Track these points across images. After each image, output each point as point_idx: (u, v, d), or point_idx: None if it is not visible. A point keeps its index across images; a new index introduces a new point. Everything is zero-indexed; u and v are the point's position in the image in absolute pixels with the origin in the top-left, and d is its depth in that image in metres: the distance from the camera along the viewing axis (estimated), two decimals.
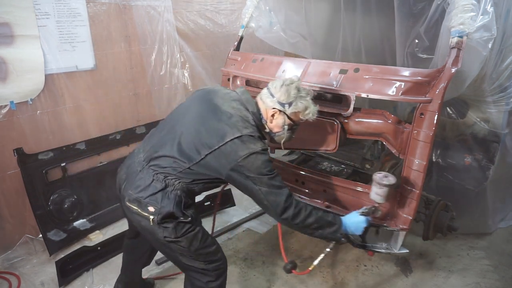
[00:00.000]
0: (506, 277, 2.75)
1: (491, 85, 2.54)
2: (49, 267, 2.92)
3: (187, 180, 1.82)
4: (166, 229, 1.79)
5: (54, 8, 3.11)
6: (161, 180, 1.80)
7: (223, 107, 1.83)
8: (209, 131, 1.78)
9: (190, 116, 1.87)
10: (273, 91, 1.86)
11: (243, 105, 1.86)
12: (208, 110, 1.84)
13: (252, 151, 1.72)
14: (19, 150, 2.98)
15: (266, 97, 1.88)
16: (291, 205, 1.78)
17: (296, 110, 1.86)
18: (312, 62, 2.37)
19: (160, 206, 1.77)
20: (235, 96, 1.91)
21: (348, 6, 3.05)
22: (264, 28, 3.16)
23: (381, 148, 2.80)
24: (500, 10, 2.23)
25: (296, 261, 2.96)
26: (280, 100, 1.84)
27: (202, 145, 1.77)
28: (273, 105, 1.85)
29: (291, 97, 1.84)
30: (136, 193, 1.81)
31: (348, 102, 2.12)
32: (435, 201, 2.50)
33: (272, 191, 1.76)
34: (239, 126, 1.77)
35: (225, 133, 1.74)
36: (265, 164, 1.75)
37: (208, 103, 1.87)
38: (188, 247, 1.85)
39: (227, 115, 1.80)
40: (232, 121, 1.78)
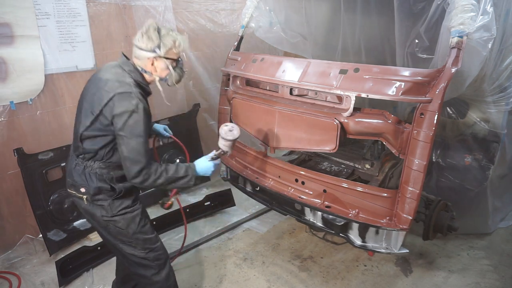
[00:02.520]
0: (506, 277, 2.75)
1: (491, 85, 2.54)
2: (49, 267, 2.92)
3: (98, 156, 1.94)
4: (102, 207, 1.95)
5: (54, 8, 3.11)
6: (80, 163, 1.96)
7: (103, 77, 1.93)
8: (92, 101, 1.91)
9: (83, 98, 2.00)
10: (139, 45, 1.94)
11: (120, 68, 1.97)
12: (93, 85, 1.97)
13: (125, 109, 1.83)
14: (19, 150, 2.98)
15: (138, 53, 1.96)
16: (140, 174, 1.87)
17: (166, 48, 1.94)
18: (312, 62, 2.37)
19: (88, 184, 1.93)
20: (114, 64, 2.02)
21: (348, 6, 3.05)
22: (264, 28, 3.16)
23: (381, 148, 2.80)
24: (500, 10, 2.23)
25: (296, 261, 2.97)
26: (148, 49, 1.92)
27: (89, 114, 1.90)
28: (147, 56, 1.93)
29: (154, 41, 1.91)
30: (70, 179, 1.99)
31: (348, 102, 2.12)
32: (435, 201, 2.50)
33: (130, 156, 1.84)
34: (114, 86, 1.87)
35: (103, 96, 1.87)
36: (137, 124, 1.85)
37: (93, 79, 2.01)
38: (126, 228, 1.98)
39: (103, 81, 1.91)
40: (108, 84, 1.89)
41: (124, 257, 2.10)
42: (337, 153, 2.63)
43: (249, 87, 2.76)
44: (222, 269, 2.91)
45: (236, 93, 2.80)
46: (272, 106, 2.48)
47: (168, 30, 1.97)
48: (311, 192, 2.43)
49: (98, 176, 1.95)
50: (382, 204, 2.14)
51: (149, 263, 2.06)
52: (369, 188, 2.21)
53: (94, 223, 2.05)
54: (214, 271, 2.89)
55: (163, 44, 1.93)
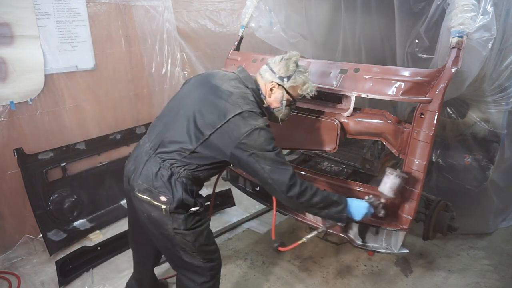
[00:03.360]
0: (506, 277, 2.75)
1: (491, 85, 2.53)
2: (49, 267, 2.92)
3: (192, 166, 1.81)
4: (176, 219, 1.80)
5: (54, 8, 3.11)
6: (167, 168, 1.79)
7: (222, 86, 1.84)
8: (211, 111, 1.78)
9: (191, 100, 1.87)
10: (272, 66, 1.90)
11: (242, 83, 1.88)
12: (208, 92, 1.85)
13: (254, 127, 1.72)
14: (19, 150, 2.98)
15: (265, 72, 1.91)
16: (296, 183, 1.76)
17: (294, 84, 1.89)
18: (312, 62, 2.37)
19: (172, 195, 1.77)
20: (233, 75, 1.93)
21: (348, 6, 3.04)
22: (264, 28, 3.15)
23: (381, 148, 2.80)
24: (500, 10, 2.23)
25: (296, 261, 2.97)
26: (279, 74, 1.87)
27: (205, 126, 1.77)
28: (272, 79, 1.88)
29: (289, 71, 1.87)
30: (146, 183, 1.80)
31: (348, 102, 2.12)
32: (435, 201, 2.50)
33: (276, 169, 1.73)
34: (239, 103, 1.77)
35: (227, 111, 1.75)
36: (268, 140, 1.75)
37: (208, 85, 1.88)
38: (193, 241, 1.85)
39: (226, 93, 1.80)
40: (233, 98, 1.78)
41: (176, 261, 2.00)
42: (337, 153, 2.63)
43: None
44: (222, 269, 2.89)
45: None
46: None
47: (305, 70, 1.93)
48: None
49: (184, 186, 1.80)
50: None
51: (204, 272, 1.96)
52: (369, 188, 2.21)
53: (156, 230, 1.88)
54: None
55: (294, 78, 1.88)
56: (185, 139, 1.79)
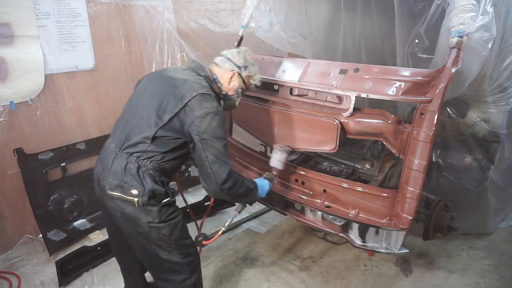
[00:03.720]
0: (506, 277, 2.75)
1: (491, 85, 2.53)
2: (49, 267, 2.92)
3: (158, 157, 1.87)
4: (150, 212, 1.84)
5: (54, 8, 3.11)
6: (134, 162, 1.84)
7: (175, 76, 1.95)
8: (168, 98, 1.86)
9: (147, 93, 1.96)
10: (230, 57, 2.09)
11: (195, 71, 2.01)
12: (163, 83, 1.95)
13: (209, 110, 1.84)
14: (19, 150, 2.98)
15: (224, 62, 2.08)
16: (230, 178, 1.88)
17: (249, 73, 2.12)
18: (312, 62, 2.37)
19: (143, 186, 1.81)
20: (185, 67, 2.06)
21: (349, 6, 3.05)
22: (264, 28, 3.15)
23: (381, 148, 2.80)
24: (500, 10, 2.23)
25: (296, 261, 2.97)
26: (238, 64, 2.08)
27: (164, 112, 1.85)
28: (232, 68, 2.07)
29: (247, 62, 2.10)
30: (116, 179, 1.84)
31: (348, 102, 2.12)
32: (435, 201, 2.50)
33: (218, 161, 1.84)
34: (195, 87, 1.89)
35: (183, 95, 1.85)
36: (220, 126, 1.87)
37: (161, 78, 1.99)
38: (169, 235, 1.89)
39: (181, 81, 1.91)
40: (187, 84, 1.90)
41: (153, 262, 2.00)
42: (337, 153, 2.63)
43: None
44: (222, 269, 2.91)
45: None
46: (272, 106, 2.48)
47: (254, 62, 2.18)
48: (311, 192, 2.43)
49: (152, 177, 1.85)
50: (382, 204, 2.14)
51: (183, 268, 1.99)
52: (369, 188, 2.21)
53: (131, 229, 1.91)
54: (214, 271, 2.89)
55: (249, 69, 2.12)
56: (145, 128, 1.86)
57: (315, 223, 2.41)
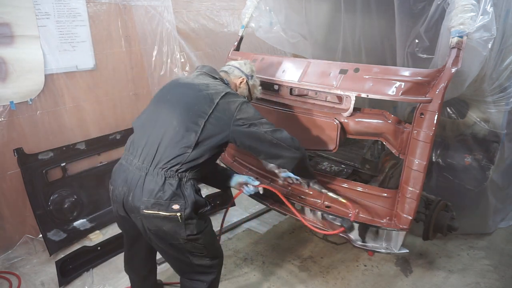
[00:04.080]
0: (506, 277, 2.75)
1: (491, 85, 2.53)
2: (49, 267, 2.92)
3: (196, 165, 1.82)
4: (189, 225, 1.79)
5: (54, 8, 3.11)
6: (173, 175, 1.77)
7: (195, 82, 1.97)
8: (196, 103, 1.85)
9: (170, 104, 1.90)
10: (238, 66, 2.23)
11: (209, 75, 2.08)
12: (185, 90, 1.93)
13: (241, 101, 1.90)
14: (19, 150, 2.98)
15: (233, 69, 2.21)
16: (293, 137, 1.96)
17: (254, 83, 2.26)
18: (312, 62, 2.37)
19: (185, 200, 1.76)
20: (198, 72, 2.12)
21: (349, 6, 3.05)
22: (264, 28, 3.15)
23: (381, 148, 2.80)
24: (500, 10, 2.23)
25: (296, 261, 2.97)
26: (246, 72, 2.21)
27: (197, 117, 1.81)
28: (241, 75, 2.20)
29: (253, 72, 2.25)
30: (153, 198, 1.75)
31: (348, 102, 2.12)
32: (435, 201, 2.50)
33: (275, 130, 1.90)
34: (219, 88, 1.93)
35: (212, 97, 1.86)
36: (256, 111, 1.94)
37: (180, 86, 1.98)
38: (204, 244, 1.89)
39: (203, 86, 1.93)
40: (211, 87, 1.92)
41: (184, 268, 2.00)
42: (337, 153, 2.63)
43: None
44: (222, 269, 2.90)
45: None
46: (272, 106, 2.48)
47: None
48: (311, 192, 2.43)
49: (193, 188, 1.81)
50: (382, 204, 2.14)
51: (213, 269, 2.00)
52: (369, 188, 2.21)
53: (164, 244, 1.87)
54: None
55: (254, 79, 2.27)
56: (183, 137, 1.79)
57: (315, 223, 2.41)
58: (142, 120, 1.98)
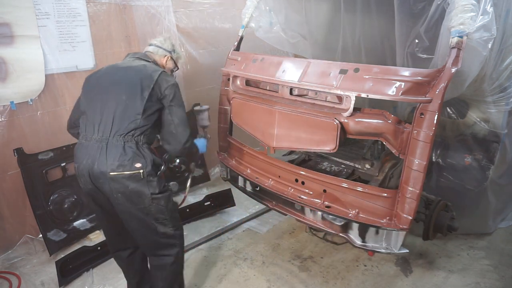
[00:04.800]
0: (506, 277, 2.75)
1: (491, 85, 2.53)
2: (49, 267, 2.92)
3: (147, 130, 2.11)
4: (151, 183, 2.06)
5: (54, 8, 3.11)
6: (131, 140, 2.05)
7: (133, 64, 2.25)
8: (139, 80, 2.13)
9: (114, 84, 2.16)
10: (159, 44, 2.45)
11: (143, 60, 2.34)
12: (127, 71, 2.20)
13: (172, 82, 2.20)
14: (19, 150, 2.98)
15: (157, 50, 2.44)
16: (190, 138, 2.26)
17: (177, 55, 2.54)
18: (312, 62, 2.36)
19: (144, 158, 2.05)
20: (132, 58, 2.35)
21: (348, 6, 3.04)
22: (264, 28, 3.15)
23: (381, 148, 2.80)
24: (500, 10, 2.23)
25: (296, 261, 2.97)
26: (168, 49, 2.46)
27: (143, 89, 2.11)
28: (165, 53, 2.45)
29: (173, 46, 2.51)
30: (117, 160, 2.00)
31: (348, 102, 2.12)
32: (435, 201, 2.50)
33: (182, 123, 2.19)
34: (155, 68, 2.25)
35: (151, 75, 2.16)
36: (181, 96, 2.23)
37: (121, 69, 2.23)
38: (166, 205, 2.13)
39: (142, 67, 2.23)
40: (148, 67, 2.23)
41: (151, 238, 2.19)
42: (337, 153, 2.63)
43: (249, 87, 2.76)
44: (222, 269, 2.91)
45: (236, 93, 2.80)
46: (272, 106, 2.48)
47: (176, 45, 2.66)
48: (311, 192, 2.43)
49: (149, 149, 2.12)
50: (382, 204, 2.14)
51: (176, 241, 2.24)
52: (369, 188, 2.21)
53: (133, 207, 2.07)
54: (214, 271, 2.89)
55: (177, 51, 2.54)
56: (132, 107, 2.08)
57: (315, 222, 2.41)
58: (89, 100, 2.20)
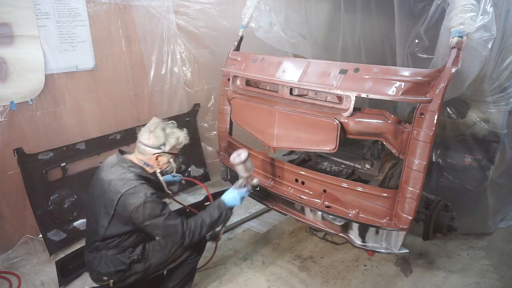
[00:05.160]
0: (506, 277, 2.75)
1: (491, 85, 2.53)
2: (49, 267, 2.92)
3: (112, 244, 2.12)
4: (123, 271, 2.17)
5: (54, 8, 3.11)
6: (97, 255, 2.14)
7: (106, 177, 2.11)
8: (102, 203, 2.08)
9: (91, 200, 2.20)
10: (145, 142, 2.14)
11: (120, 165, 2.14)
12: (98, 188, 2.14)
13: (137, 204, 2.00)
14: (19, 150, 2.98)
15: (143, 149, 2.15)
16: (185, 232, 2.09)
17: (170, 146, 2.16)
18: (312, 62, 2.37)
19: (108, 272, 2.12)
20: (113, 161, 2.19)
21: (348, 6, 3.05)
22: (264, 28, 3.15)
23: (381, 148, 2.80)
24: (500, 10, 2.23)
25: (296, 261, 2.97)
26: (154, 146, 2.13)
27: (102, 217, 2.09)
28: (152, 152, 2.14)
29: (161, 139, 2.13)
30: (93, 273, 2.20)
31: (348, 102, 2.12)
32: (435, 201, 2.50)
33: (166, 229, 2.08)
34: (118, 187, 2.04)
35: (111, 200, 2.04)
36: (154, 209, 2.02)
37: (98, 181, 2.16)
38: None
39: (107, 183, 2.08)
40: (112, 185, 2.06)
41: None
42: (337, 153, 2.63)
43: (249, 87, 2.76)
44: (222, 269, 2.91)
45: (236, 93, 2.80)
46: (272, 106, 2.48)
47: (172, 128, 2.19)
48: (311, 192, 2.43)
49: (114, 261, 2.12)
50: (382, 204, 2.14)
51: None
52: (369, 188, 2.21)
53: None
54: (214, 271, 2.89)
55: (168, 142, 2.14)
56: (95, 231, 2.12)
57: (315, 223, 2.41)
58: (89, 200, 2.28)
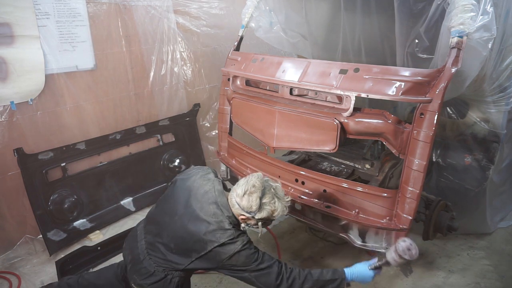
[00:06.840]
0: (506, 277, 2.75)
1: (491, 85, 2.54)
2: (49, 267, 2.92)
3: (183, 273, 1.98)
4: None
5: (54, 8, 3.11)
6: (161, 272, 1.95)
7: (201, 213, 1.90)
8: (193, 239, 1.88)
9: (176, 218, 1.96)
10: (238, 200, 1.89)
11: (220, 210, 1.91)
12: (189, 216, 1.92)
13: (233, 252, 1.83)
14: (19, 150, 2.98)
15: (233, 204, 1.91)
16: (282, 280, 1.85)
17: (261, 216, 1.90)
18: (312, 62, 2.37)
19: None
20: (212, 198, 1.94)
21: (348, 6, 3.04)
22: (264, 28, 3.15)
23: (381, 148, 2.80)
24: (500, 10, 2.23)
25: (296, 261, 2.97)
26: (246, 210, 1.88)
27: (190, 251, 1.90)
28: (241, 213, 1.90)
29: (254, 207, 1.86)
30: (140, 280, 1.97)
31: (348, 102, 2.12)
32: (435, 201, 2.50)
33: (261, 275, 1.85)
34: (217, 235, 1.85)
35: (207, 242, 1.85)
36: (249, 257, 1.85)
37: (188, 207, 1.95)
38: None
39: (205, 225, 1.87)
40: (210, 229, 1.86)
41: None
42: (337, 153, 2.63)
43: (249, 87, 2.76)
44: None
45: (236, 93, 2.80)
46: (272, 106, 2.48)
47: (272, 197, 1.90)
48: (311, 192, 2.43)
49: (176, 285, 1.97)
50: (382, 204, 2.14)
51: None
52: (369, 188, 2.21)
53: None
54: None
55: (260, 213, 1.89)
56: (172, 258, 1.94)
57: (315, 223, 2.41)
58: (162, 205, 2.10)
